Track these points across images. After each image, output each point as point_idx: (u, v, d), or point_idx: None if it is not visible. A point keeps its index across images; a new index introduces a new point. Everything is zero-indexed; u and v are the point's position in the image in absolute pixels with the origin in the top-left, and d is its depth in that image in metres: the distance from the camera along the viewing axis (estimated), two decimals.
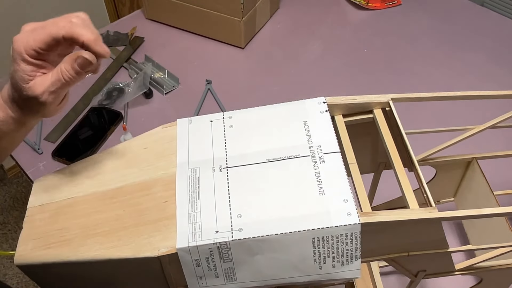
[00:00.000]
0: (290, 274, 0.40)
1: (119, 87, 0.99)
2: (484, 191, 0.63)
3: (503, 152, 0.65)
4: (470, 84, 1.03)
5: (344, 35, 1.17)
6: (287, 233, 0.38)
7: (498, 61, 1.09)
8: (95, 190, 0.44)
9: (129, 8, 1.84)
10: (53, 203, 0.44)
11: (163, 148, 0.46)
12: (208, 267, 0.39)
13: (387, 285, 0.67)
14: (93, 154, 0.49)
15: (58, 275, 0.43)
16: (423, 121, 0.92)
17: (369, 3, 1.24)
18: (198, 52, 1.11)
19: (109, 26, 1.18)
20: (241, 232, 0.38)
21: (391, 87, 1.02)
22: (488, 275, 0.54)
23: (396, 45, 1.14)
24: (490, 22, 1.20)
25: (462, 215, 0.41)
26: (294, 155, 0.43)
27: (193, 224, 0.39)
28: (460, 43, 1.14)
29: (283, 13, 1.23)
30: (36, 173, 0.85)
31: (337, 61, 1.09)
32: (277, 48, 1.13)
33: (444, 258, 0.45)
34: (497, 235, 0.62)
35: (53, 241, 0.41)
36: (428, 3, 1.26)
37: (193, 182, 0.42)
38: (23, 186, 1.86)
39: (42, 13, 1.59)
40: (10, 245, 1.68)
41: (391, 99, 0.48)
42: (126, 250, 0.39)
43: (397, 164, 0.44)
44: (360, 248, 0.39)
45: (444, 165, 0.64)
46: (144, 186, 0.43)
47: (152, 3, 1.16)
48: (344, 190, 0.40)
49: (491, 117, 0.57)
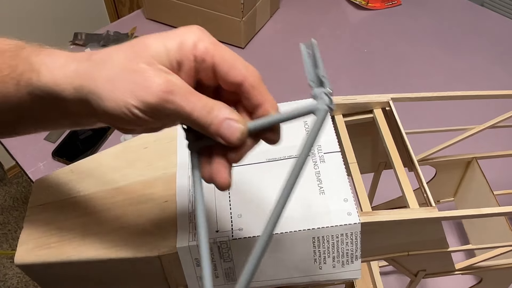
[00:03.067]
0: (290, 274, 0.40)
1: None
2: (484, 191, 0.63)
3: (503, 152, 0.65)
4: (470, 84, 1.03)
5: (344, 35, 1.17)
6: (287, 232, 0.38)
7: (498, 61, 1.09)
8: (95, 190, 0.44)
9: (129, 8, 1.84)
10: (53, 203, 0.44)
11: (163, 148, 0.46)
12: None
13: (387, 285, 0.67)
14: (93, 154, 0.49)
15: (58, 275, 0.43)
16: (423, 121, 0.92)
17: (369, 3, 1.24)
18: None
19: (109, 26, 1.18)
20: (242, 231, 0.38)
21: (391, 87, 1.02)
22: (488, 275, 0.54)
23: (396, 45, 1.14)
24: (490, 22, 1.20)
25: (462, 215, 0.41)
26: (294, 155, 0.43)
27: (193, 224, 0.39)
28: (460, 43, 1.14)
29: (283, 13, 1.23)
30: (36, 173, 0.85)
31: (337, 61, 1.09)
32: (277, 48, 1.13)
33: (444, 257, 0.45)
34: (497, 235, 0.62)
35: (53, 241, 0.41)
36: (428, 3, 1.26)
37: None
38: (23, 186, 1.87)
39: (42, 13, 1.59)
40: (10, 245, 1.68)
41: (391, 99, 0.48)
42: (126, 249, 0.39)
43: (397, 164, 0.44)
44: (360, 248, 0.39)
45: (444, 165, 0.64)
46: (144, 186, 0.43)
47: (152, 3, 1.16)
48: (344, 189, 0.40)
49: (491, 117, 0.57)
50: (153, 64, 0.28)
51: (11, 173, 1.88)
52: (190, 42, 0.29)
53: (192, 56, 0.29)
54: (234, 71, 0.29)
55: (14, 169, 1.85)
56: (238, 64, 0.29)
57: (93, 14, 1.76)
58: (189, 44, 0.29)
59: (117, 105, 0.27)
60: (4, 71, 0.31)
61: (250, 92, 0.29)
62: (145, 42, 0.29)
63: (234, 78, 0.29)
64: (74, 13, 1.66)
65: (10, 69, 0.31)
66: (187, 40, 0.29)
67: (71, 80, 0.29)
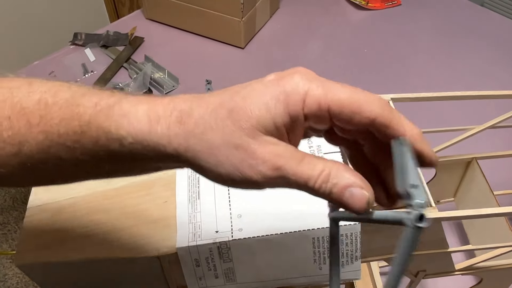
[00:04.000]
0: (290, 274, 0.40)
1: (119, 87, 0.99)
2: (484, 191, 0.63)
3: (503, 152, 0.65)
4: (470, 84, 1.03)
5: (344, 35, 1.17)
6: (287, 233, 0.38)
7: (498, 61, 1.09)
8: (95, 190, 0.44)
9: (129, 8, 1.84)
10: (53, 203, 0.44)
11: None
12: (208, 267, 0.39)
13: None
14: None
15: (58, 275, 0.43)
16: (423, 121, 0.92)
17: (369, 3, 1.24)
18: (198, 52, 1.11)
19: (109, 26, 1.18)
20: (241, 232, 0.38)
21: (391, 87, 1.02)
22: (488, 275, 0.54)
23: (396, 45, 1.14)
24: (490, 22, 1.20)
25: (462, 215, 0.41)
26: None
27: (193, 224, 0.39)
28: (460, 43, 1.14)
29: (283, 13, 1.23)
30: None
31: (337, 61, 1.09)
32: (277, 48, 1.13)
33: (444, 258, 0.45)
34: (497, 235, 0.62)
35: (53, 241, 0.41)
36: (428, 3, 1.26)
37: (193, 182, 0.42)
38: None
39: (42, 13, 1.59)
40: (10, 245, 1.68)
41: (391, 99, 0.48)
42: (125, 250, 0.39)
43: None
44: (360, 248, 0.39)
45: (444, 165, 0.64)
46: (144, 186, 0.43)
47: (152, 3, 1.16)
48: None
49: (491, 117, 0.57)
50: (257, 136, 0.25)
51: None
52: (297, 99, 0.25)
53: (303, 115, 0.25)
54: (359, 115, 0.25)
55: None
56: (361, 102, 0.25)
57: (93, 14, 1.76)
58: (296, 101, 0.25)
59: (222, 178, 0.26)
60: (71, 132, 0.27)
61: (386, 126, 0.25)
62: (245, 107, 0.25)
63: (360, 120, 0.25)
64: (74, 13, 1.66)
65: (80, 129, 0.27)
66: (294, 97, 0.25)
67: (164, 144, 0.26)
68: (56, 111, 0.28)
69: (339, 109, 0.25)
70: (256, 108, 0.25)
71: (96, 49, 1.11)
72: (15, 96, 0.28)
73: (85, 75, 1.05)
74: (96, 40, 1.12)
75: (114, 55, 1.09)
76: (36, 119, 0.27)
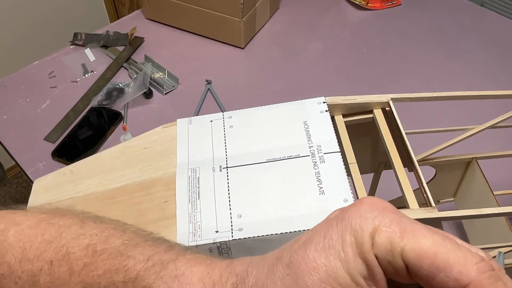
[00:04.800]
0: None
1: (119, 87, 1.00)
2: (484, 191, 0.63)
3: (503, 152, 0.65)
4: (470, 84, 1.03)
5: (344, 35, 1.17)
6: (287, 233, 0.38)
7: (498, 61, 1.09)
8: (95, 190, 0.44)
9: (129, 8, 1.84)
10: (53, 203, 0.44)
11: (163, 148, 0.46)
12: None
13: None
14: (93, 154, 0.48)
15: None
16: (423, 121, 0.92)
17: (369, 3, 1.24)
18: (198, 52, 1.11)
19: (109, 26, 1.18)
20: (241, 232, 0.38)
21: (391, 87, 1.02)
22: None
23: (396, 45, 1.14)
24: (490, 22, 1.20)
25: (462, 215, 0.41)
26: (294, 155, 0.43)
27: (193, 224, 0.39)
28: (460, 43, 1.14)
29: (283, 13, 1.23)
30: (36, 173, 0.85)
31: (337, 61, 1.09)
32: (277, 48, 1.13)
33: None
34: (497, 235, 0.62)
35: None
36: (428, 3, 1.26)
37: (193, 182, 0.42)
38: (23, 186, 1.87)
39: (42, 13, 1.59)
40: None
41: (391, 99, 0.48)
42: None
43: (397, 164, 0.44)
44: None
45: (444, 165, 0.64)
46: (144, 186, 0.43)
47: (152, 3, 1.16)
48: (344, 190, 0.40)
49: (491, 117, 0.57)
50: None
51: (11, 173, 1.88)
52: (365, 241, 0.20)
53: (374, 261, 0.20)
54: (445, 275, 0.19)
55: (13, 169, 1.85)
56: (451, 257, 0.19)
57: (93, 14, 1.76)
58: (365, 244, 0.20)
59: None
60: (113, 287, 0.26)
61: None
62: (307, 255, 0.20)
63: (444, 282, 0.19)
64: (74, 13, 1.66)
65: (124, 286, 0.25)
66: (363, 238, 0.20)
67: None
68: (102, 260, 0.26)
69: (417, 259, 0.19)
70: (322, 255, 0.20)
71: (96, 49, 1.11)
72: (63, 238, 0.27)
73: (85, 75, 1.05)
74: (96, 40, 1.12)
75: (114, 55, 1.09)
76: (79, 267, 0.26)
